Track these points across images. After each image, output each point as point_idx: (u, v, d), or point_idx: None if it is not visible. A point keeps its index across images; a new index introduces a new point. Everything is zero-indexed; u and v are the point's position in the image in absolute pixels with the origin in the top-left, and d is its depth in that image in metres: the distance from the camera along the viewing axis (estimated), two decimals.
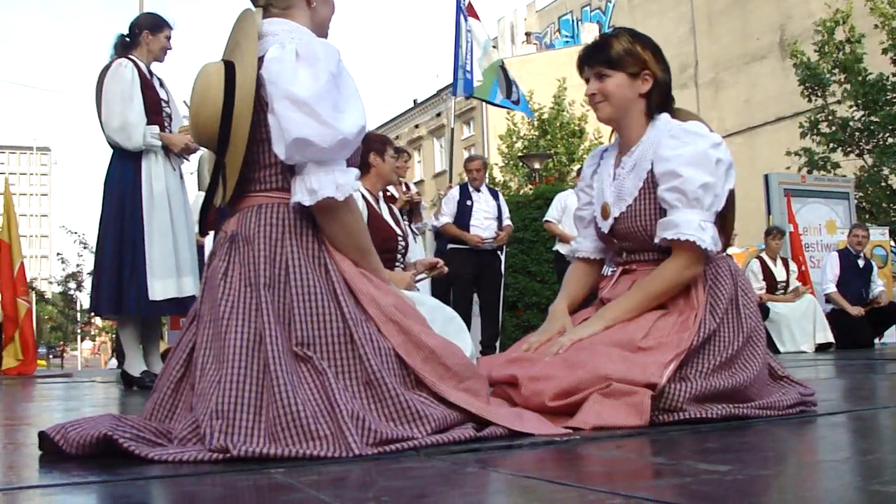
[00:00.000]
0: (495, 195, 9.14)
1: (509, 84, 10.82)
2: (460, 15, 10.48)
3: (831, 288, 10.44)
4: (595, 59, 2.83)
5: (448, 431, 2.10)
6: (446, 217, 8.97)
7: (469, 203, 8.80)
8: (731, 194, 2.82)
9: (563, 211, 9.39)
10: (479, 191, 8.95)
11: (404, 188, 8.29)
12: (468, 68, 10.39)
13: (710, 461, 1.78)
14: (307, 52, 2.21)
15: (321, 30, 2.47)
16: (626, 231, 2.79)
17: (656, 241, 2.70)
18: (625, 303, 2.71)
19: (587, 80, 2.86)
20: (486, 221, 8.80)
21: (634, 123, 2.83)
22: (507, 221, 9.04)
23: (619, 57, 2.79)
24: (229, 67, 2.26)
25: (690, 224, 2.61)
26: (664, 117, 2.80)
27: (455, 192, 8.98)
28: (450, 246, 8.80)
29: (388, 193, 7.01)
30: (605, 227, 2.86)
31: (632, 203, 2.77)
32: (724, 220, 2.85)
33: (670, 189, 2.65)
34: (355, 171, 2.27)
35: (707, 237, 2.61)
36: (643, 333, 2.56)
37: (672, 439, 2.18)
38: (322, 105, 2.15)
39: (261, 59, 2.26)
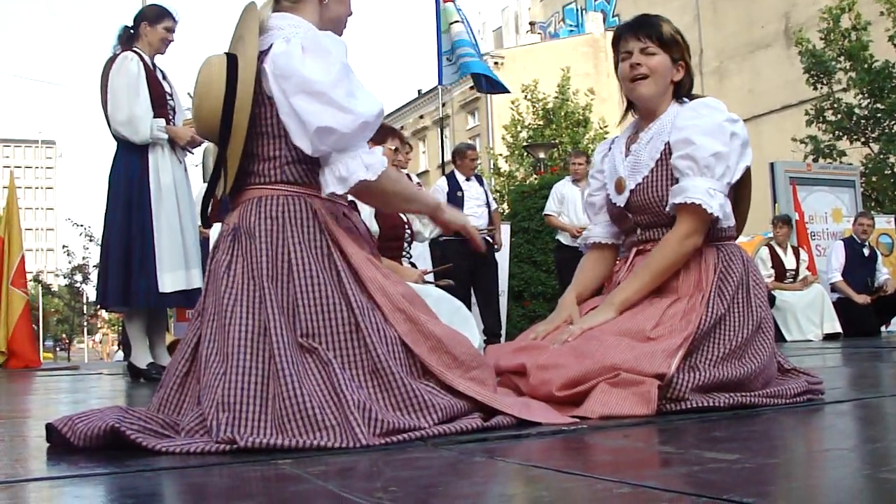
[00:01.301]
0: (480, 181, 9.00)
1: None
2: (440, 1, 10.44)
3: (837, 277, 10.41)
4: (646, 33, 2.81)
5: (455, 421, 2.10)
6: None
7: (460, 193, 8.61)
8: (748, 180, 2.82)
9: (560, 202, 9.33)
10: (468, 180, 8.81)
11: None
12: (451, 56, 10.35)
13: (717, 450, 1.78)
14: (314, 45, 2.23)
15: (334, 27, 2.46)
16: (642, 203, 2.78)
17: (667, 209, 2.69)
18: (632, 285, 2.70)
19: (628, 53, 2.83)
20: (478, 209, 8.67)
21: (662, 109, 2.84)
22: (493, 205, 8.94)
23: (670, 38, 2.80)
24: (231, 60, 2.26)
25: (698, 188, 2.60)
26: (689, 101, 2.81)
27: (443, 184, 8.81)
28: (442, 237, 8.65)
29: None
30: (621, 201, 2.85)
31: (647, 174, 2.77)
32: (739, 205, 2.85)
33: (682, 156, 2.65)
34: (380, 148, 2.31)
35: (714, 203, 2.59)
36: (653, 323, 2.55)
37: (679, 428, 2.18)
38: (337, 92, 2.16)
39: (264, 53, 2.26)
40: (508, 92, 10.91)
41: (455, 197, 8.62)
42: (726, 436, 2.04)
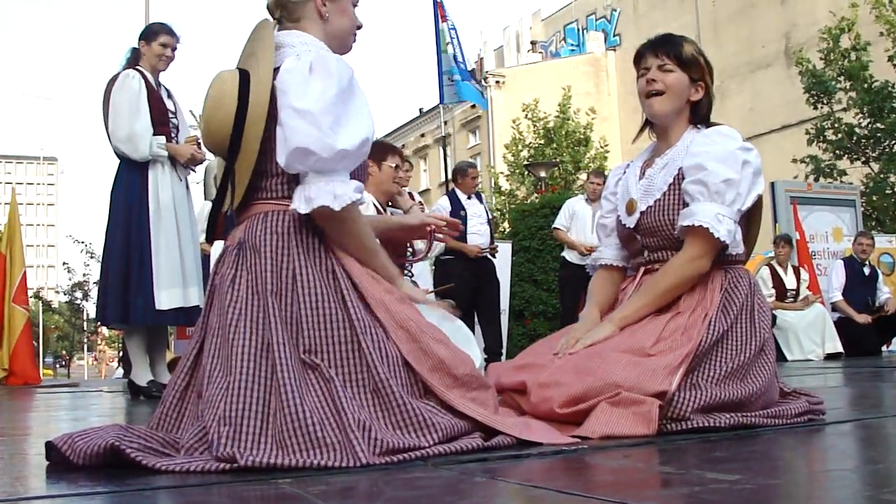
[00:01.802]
0: (480, 198, 9.04)
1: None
2: (438, 22, 10.51)
3: (837, 296, 10.41)
4: (666, 50, 2.83)
5: (456, 441, 2.10)
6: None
7: (463, 213, 8.57)
8: (759, 206, 2.83)
9: (571, 218, 9.34)
10: (469, 198, 8.81)
11: (408, 197, 8.22)
12: (451, 77, 10.44)
13: (718, 470, 1.78)
14: (321, 66, 2.24)
15: (340, 42, 2.47)
16: (652, 226, 2.78)
17: (675, 233, 2.70)
18: (634, 303, 2.71)
19: (647, 69, 2.86)
20: (481, 227, 8.70)
21: (678, 129, 2.86)
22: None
23: (690, 57, 2.82)
24: (244, 75, 2.27)
25: (707, 213, 2.61)
26: (705, 129, 2.82)
27: (445, 203, 8.77)
28: (444, 256, 8.63)
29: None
30: (631, 222, 2.85)
31: (660, 197, 2.78)
32: (749, 232, 2.86)
33: (694, 181, 2.66)
34: (356, 184, 2.27)
35: (723, 229, 2.60)
36: (654, 339, 2.55)
37: (680, 448, 2.17)
38: (325, 117, 2.17)
39: (276, 70, 2.27)
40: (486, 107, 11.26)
41: (458, 216, 8.60)
42: (727, 456, 2.03)
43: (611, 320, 2.71)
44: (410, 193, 8.59)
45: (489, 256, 8.78)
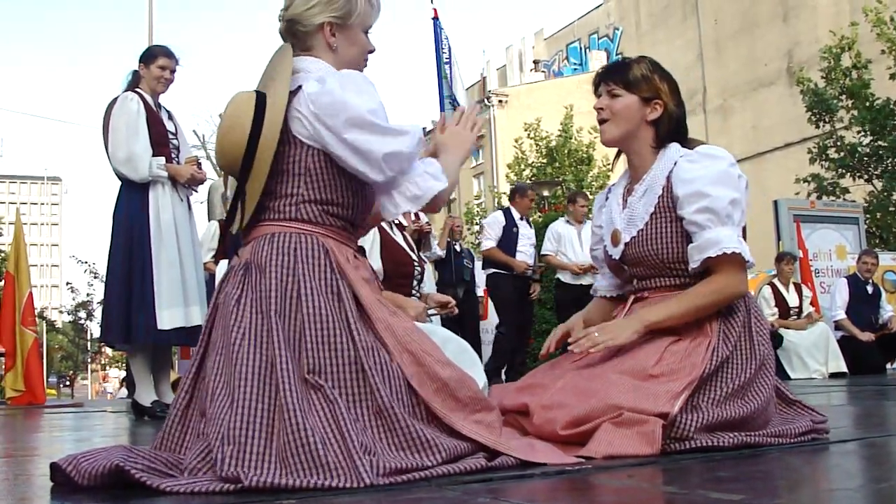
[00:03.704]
0: (529, 223, 9.46)
1: None
2: (438, 44, 10.57)
3: (841, 315, 10.39)
4: (612, 77, 2.84)
5: (459, 461, 2.10)
6: (490, 241, 9.15)
7: (515, 230, 9.06)
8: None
9: (557, 241, 9.46)
10: (521, 218, 9.24)
11: (413, 217, 8.26)
12: (454, 95, 10.52)
13: (722, 490, 1.78)
14: (350, 83, 2.30)
15: (351, 69, 2.48)
16: (638, 256, 2.78)
17: (693, 266, 2.66)
18: (667, 309, 2.64)
19: (599, 97, 2.87)
20: (529, 249, 9.12)
21: (643, 150, 2.84)
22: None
23: (636, 80, 2.81)
24: (260, 98, 2.29)
25: (731, 238, 2.60)
26: (674, 146, 2.81)
27: (500, 217, 9.21)
28: (492, 270, 8.96)
29: (397, 221, 7.08)
30: (616, 253, 2.86)
31: (643, 227, 2.76)
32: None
33: (700, 210, 2.62)
34: (419, 158, 2.42)
35: (747, 251, 2.62)
36: (654, 360, 2.55)
37: (684, 468, 2.17)
38: (384, 120, 2.28)
39: (292, 94, 2.31)
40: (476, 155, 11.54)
41: (511, 233, 8.97)
42: (731, 476, 2.03)
43: (640, 320, 2.63)
44: (417, 214, 8.64)
45: (535, 277, 9.21)
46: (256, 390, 2.07)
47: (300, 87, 2.32)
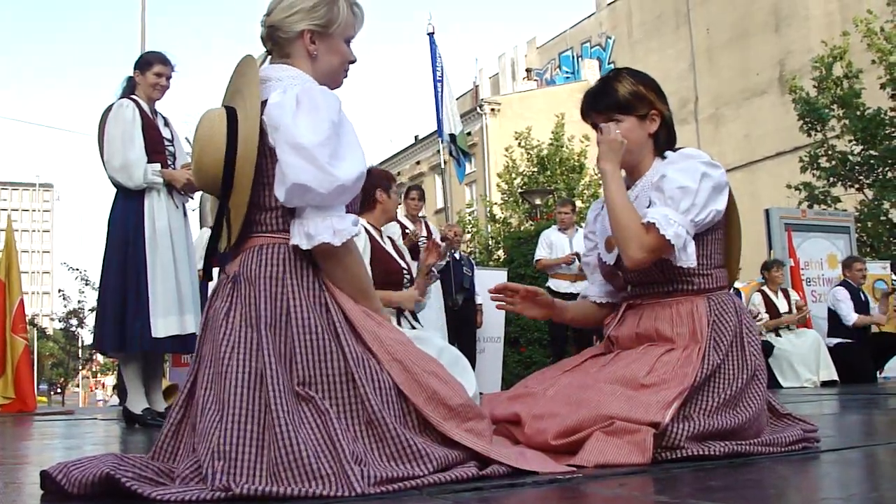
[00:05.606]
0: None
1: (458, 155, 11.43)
2: (434, 60, 10.65)
3: (854, 317, 10.32)
4: (604, 105, 2.83)
5: (450, 470, 2.10)
6: (541, 253, 9.59)
7: (552, 242, 9.51)
8: (738, 229, 2.84)
9: (549, 247, 9.67)
10: (563, 232, 9.56)
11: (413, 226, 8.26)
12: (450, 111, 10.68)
13: (712, 499, 1.78)
14: (307, 100, 2.24)
15: (329, 78, 2.46)
16: None
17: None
18: (621, 192, 2.73)
19: (594, 126, 2.85)
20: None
21: (645, 162, 2.85)
22: None
23: (628, 101, 2.80)
24: (231, 113, 2.28)
25: (657, 212, 2.62)
26: (671, 155, 2.82)
27: (549, 232, 9.69)
28: (547, 284, 9.34)
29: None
30: (611, 259, 2.86)
31: None
32: (730, 254, 2.87)
33: (654, 189, 2.70)
34: (353, 217, 2.29)
35: (670, 231, 2.58)
36: (646, 370, 2.55)
37: (675, 477, 2.18)
38: (321, 152, 2.16)
39: (263, 103, 2.28)
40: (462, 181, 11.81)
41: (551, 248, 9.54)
42: (722, 485, 2.04)
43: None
44: (422, 220, 8.65)
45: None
46: (246, 404, 2.06)
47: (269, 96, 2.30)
